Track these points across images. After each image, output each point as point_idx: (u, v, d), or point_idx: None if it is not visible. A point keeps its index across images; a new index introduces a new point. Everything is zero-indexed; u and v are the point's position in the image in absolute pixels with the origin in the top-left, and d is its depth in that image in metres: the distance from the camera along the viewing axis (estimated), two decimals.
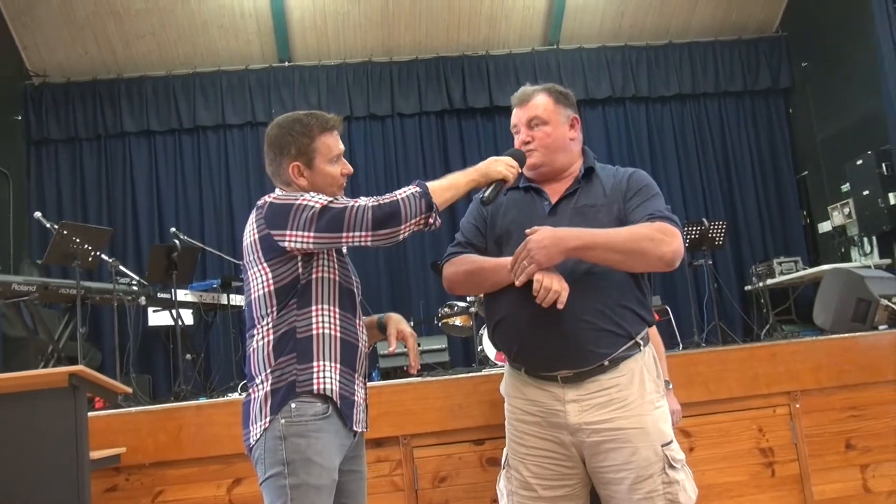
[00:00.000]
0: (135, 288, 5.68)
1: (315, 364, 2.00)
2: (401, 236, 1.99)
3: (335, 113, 2.26)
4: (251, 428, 2.00)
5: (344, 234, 1.96)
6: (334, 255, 2.12)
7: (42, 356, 5.29)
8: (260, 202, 2.08)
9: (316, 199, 2.00)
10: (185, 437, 2.94)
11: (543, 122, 2.27)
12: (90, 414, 2.58)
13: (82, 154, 7.98)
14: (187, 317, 6.46)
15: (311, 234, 1.96)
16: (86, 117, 7.97)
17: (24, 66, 7.85)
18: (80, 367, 2.38)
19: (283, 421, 1.95)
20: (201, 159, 8.12)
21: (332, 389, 2.00)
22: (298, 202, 2.00)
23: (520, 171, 2.22)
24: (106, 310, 6.78)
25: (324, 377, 2.00)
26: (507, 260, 2.15)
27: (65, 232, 4.84)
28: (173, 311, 5.62)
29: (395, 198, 1.98)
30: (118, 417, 2.99)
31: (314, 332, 2.02)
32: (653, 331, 2.71)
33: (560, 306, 2.00)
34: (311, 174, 2.14)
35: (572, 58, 8.62)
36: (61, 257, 4.97)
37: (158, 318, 6.53)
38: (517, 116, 2.32)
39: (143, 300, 5.76)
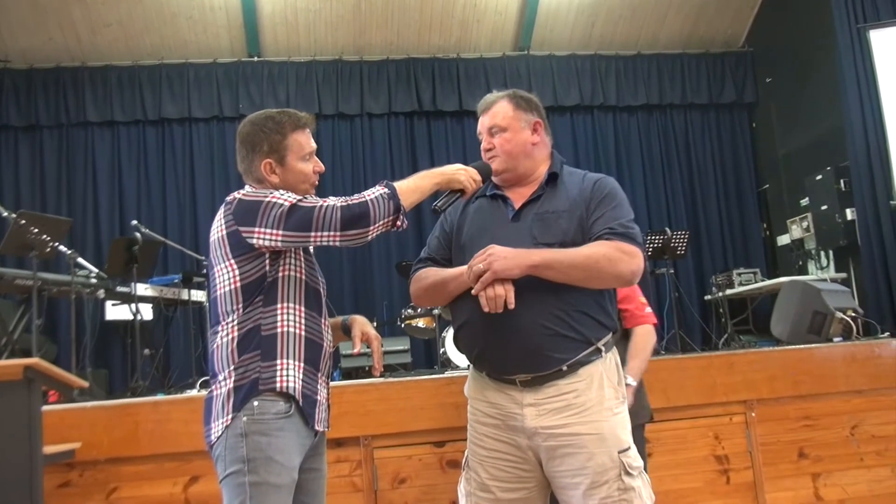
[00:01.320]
0: (93, 281, 5.57)
1: (279, 362, 1.99)
2: (369, 237, 1.99)
3: (304, 110, 2.26)
4: (213, 425, 1.99)
5: (312, 234, 1.95)
6: (301, 253, 2.12)
7: None
8: (229, 198, 2.07)
9: (285, 198, 1.99)
10: (142, 434, 2.90)
11: (503, 129, 2.29)
12: (44, 408, 2.52)
13: (43, 142, 7.81)
14: (146, 311, 6.36)
15: (280, 233, 1.96)
16: (48, 105, 7.81)
17: None
18: (35, 360, 2.33)
19: (244, 418, 1.94)
20: (165, 152, 8.00)
21: (294, 388, 1.99)
22: (268, 199, 1.99)
23: (482, 184, 2.25)
24: (63, 302, 6.64)
25: (287, 375, 1.99)
26: (458, 270, 2.18)
27: (22, 221, 4.73)
28: (132, 306, 5.53)
29: (364, 199, 1.97)
30: (73, 412, 2.93)
31: (279, 329, 2.01)
32: (646, 329, 2.77)
33: (511, 306, 2.02)
34: (283, 171, 2.13)
35: (542, 64, 8.68)
36: (18, 247, 4.86)
37: (117, 311, 6.42)
38: (481, 124, 2.36)
39: (101, 293, 5.65)
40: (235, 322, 2.02)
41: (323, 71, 8.27)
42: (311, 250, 2.20)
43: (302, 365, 2.03)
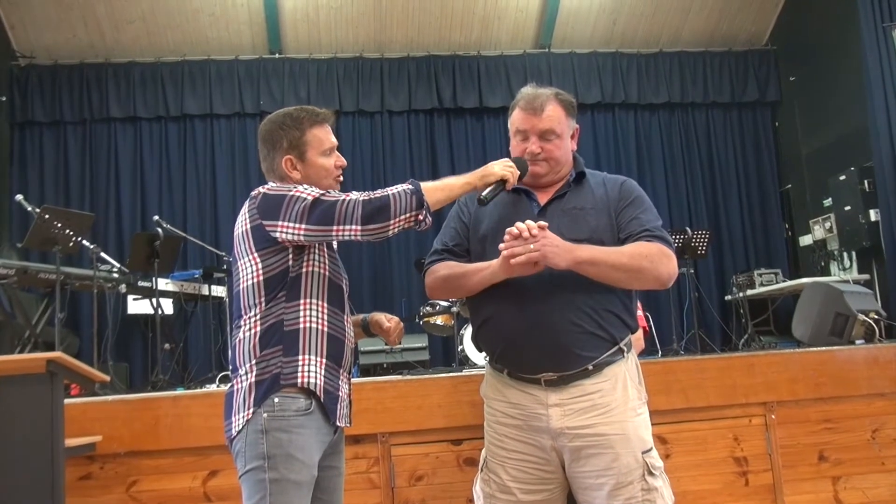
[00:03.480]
0: (115, 275, 5.64)
1: (300, 358, 2.00)
2: (390, 232, 1.98)
3: (324, 107, 2.26)
4: (233, 419, 2.00)
5: (335, 228, 1.95)
6: (325, 249, 2.12)
7: (19, 341, 5.23)
8: (254, 193, 2.08)
9: (308, 192, 2.00)
10: (162, 428, 2.92)
11: (558, 135, 2.23)
12: (66, 401, 2.55)
13: (66, 138, 7.91)
14: (167, 306, 6.42)
15: (303, 227, 1.96)
16: (72, 101, 7.90)
17: (11, 46, 7.77)
18: (58, 354, 2.35)
19: (265, 415, 1.94)
20: (187, 148, 8.07)
21: (316, 384, 2.00)
22: (291, 194, 2.00)
23: (518, 177, 2.18)
24: (85, 296, 6.73)
25: (308, 371, 2.00)
26: (484, 264, 2.15)
27: (46, 216, 4.79)
28: (153, 300, 5.58)
29: (385, 193, 1.97)
30: (94, 405, 2.96)
31: (301, 325, 2.02)
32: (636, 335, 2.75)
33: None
34: (304, 167, 2.14)
35: (563, 62, 8.64)
36: (42, 242, 4.93)
37: (138, 306, 6.49)
38: (528, 123, 2.23)
39: (123, 288, 5.72)
40: (258, 317, 2.03)
41: (344, 68, 8.29)
42: (335, 246, 2.20)
43: (324, 361, 2.03)
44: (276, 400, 1.95)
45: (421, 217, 2.00)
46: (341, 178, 2.22)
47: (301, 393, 1.99)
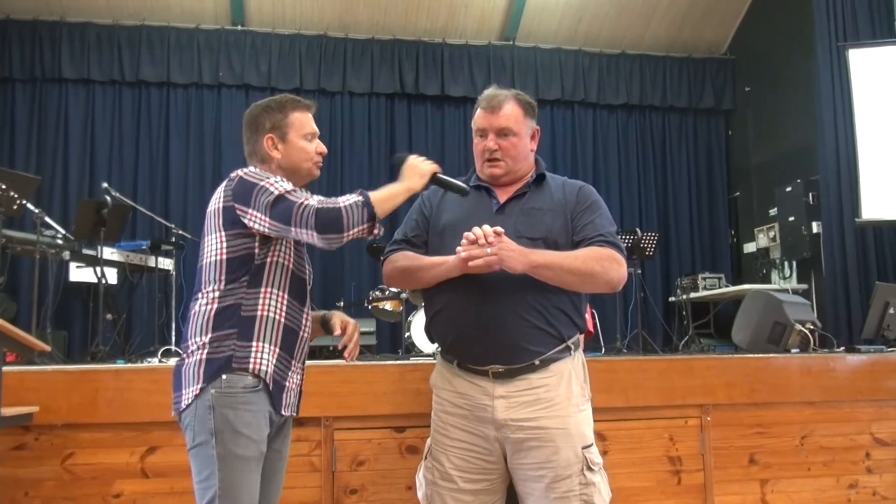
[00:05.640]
0: (59, 241, 5.49)
1: (254, 344, 2.03)
2: (344, 241, 2.03)
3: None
4: (183, 392, 2.02)
5: (292, 228, 1.99)
6: (291, 242, 2.15)
7: None
8: (232, 174, 2.12)
9: (276, 186, 2.02)
10: (101, 401, 2.87)
11: (514, 133, 2.29)
12: (3, 368, 2.49)
13: (14, 95, 7.67)
14: (111, 276, 6.28)
15: (267, 220, 2.00)
16: (22, 57, 7.66)
17: None
18: None
19: (213, 391, 1.97)
20: (141, 116, 7.88)
21: (266, 372, 2.03)
22: (262, 184, 2.03)
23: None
24: (25, 261, 6.54)
25: (261, 359, 2.03)
26: (441, 259, 2.20)
27: None
28: (97, 269, 5.46)
29: (338, 205, 1.99)
30: (32, 374, 2.89)
31: (259, 313, 2.05)
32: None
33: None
34: (285, 147, 2.19)
35: (527, 56, 8.69)
36: None
37: (81, 274, 6.33)
38: (486, 121, 2.30)
39: (66, 255, 5.57)
40: (216, 295, 2.06)
41: (307, 45, 8.16)
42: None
43: (277, 350, 2.07)
44: (225, 378, 1.99)
45: (375, 231, 2.04)
46: (321, 164, 2.27)
47: (250, 375, 2.01)
